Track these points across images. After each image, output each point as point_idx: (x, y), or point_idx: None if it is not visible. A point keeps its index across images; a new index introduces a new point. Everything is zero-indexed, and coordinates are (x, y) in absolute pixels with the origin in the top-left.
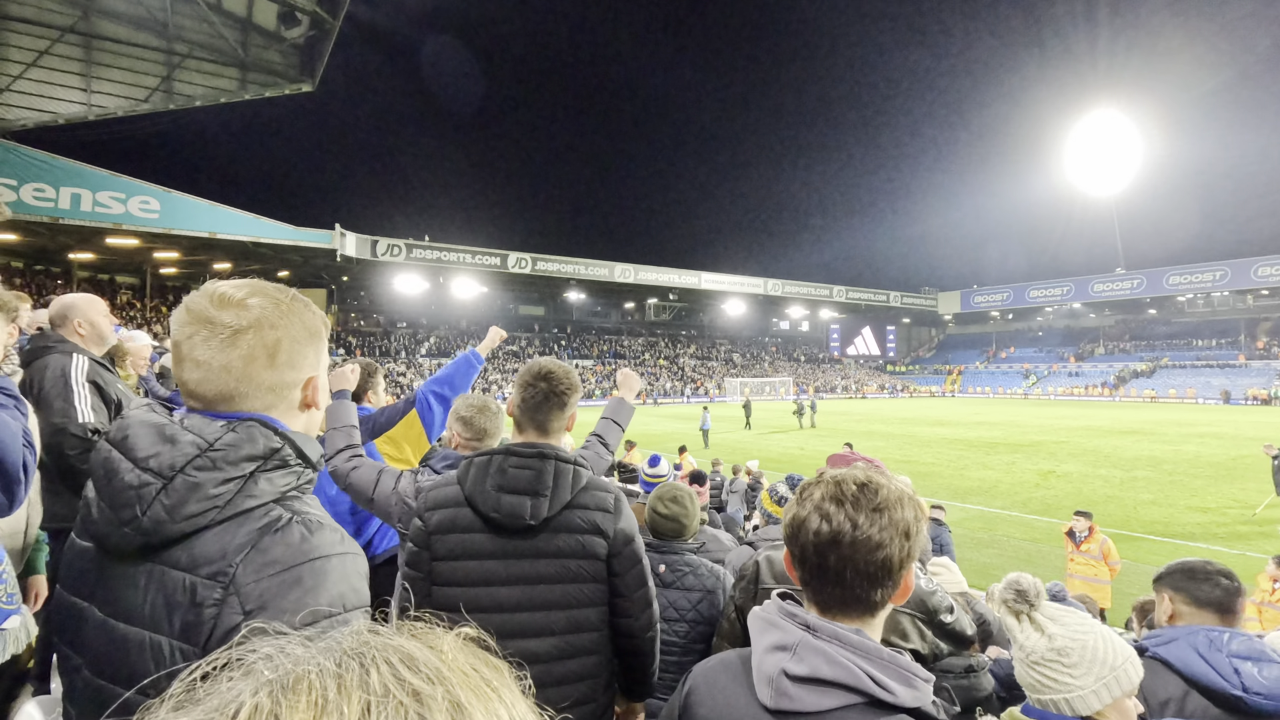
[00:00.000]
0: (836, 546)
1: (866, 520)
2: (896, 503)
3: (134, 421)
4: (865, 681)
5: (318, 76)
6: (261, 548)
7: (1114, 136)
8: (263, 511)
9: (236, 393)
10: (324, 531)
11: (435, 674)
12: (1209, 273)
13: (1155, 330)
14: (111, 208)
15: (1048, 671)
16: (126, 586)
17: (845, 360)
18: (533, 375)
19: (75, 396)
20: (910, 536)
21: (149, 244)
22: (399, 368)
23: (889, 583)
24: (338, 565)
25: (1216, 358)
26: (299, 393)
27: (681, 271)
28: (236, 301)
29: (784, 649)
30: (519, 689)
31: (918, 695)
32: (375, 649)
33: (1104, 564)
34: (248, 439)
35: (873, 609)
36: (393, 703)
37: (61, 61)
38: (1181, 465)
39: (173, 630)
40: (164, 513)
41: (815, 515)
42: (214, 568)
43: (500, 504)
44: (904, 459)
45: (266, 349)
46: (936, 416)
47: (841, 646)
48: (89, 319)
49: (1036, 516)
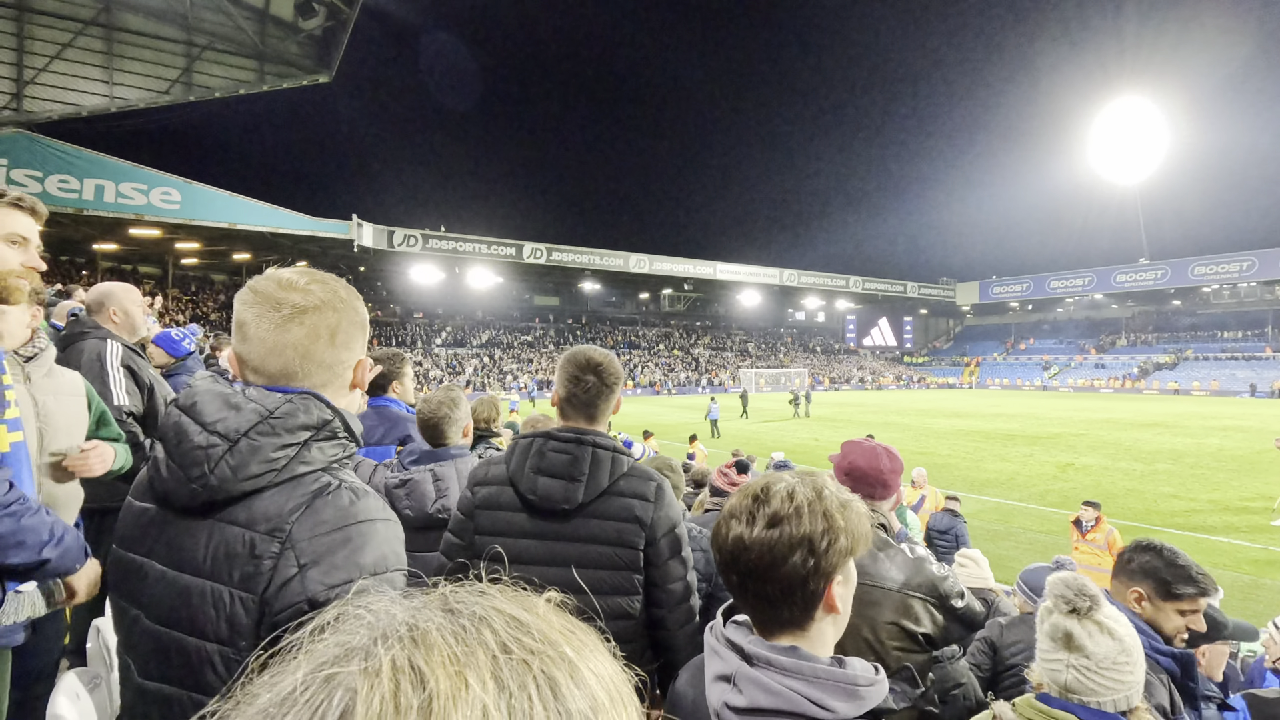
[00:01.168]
0: (736, 564)
1: (760, 534)
2: (794, 515)
3: (201, 390)
4: (805, 705)
5: (334, 67)
6: (314, 508)
7: (1139, 124)
8: (314, 477)
9: (297, 369)
10: (369, 498)
11: (542, 635)
12: (1236, 263)
13: (1179, 322)
14: (134, 199)
15: (1116, 675)
16: (188, 541)
17: (861, 351)
18: (579, 368)
19: (111, 380)
20: (815, 550)
21: (170, 234)
22: (415, 357)
23: (794, 599)
24: (382, 529)
25: (1242, 350)
26: (350, 372)
27: (697, 262)
28: (301, 286)
29: (726, 679)
30: (606, 648)
31: (861, 704)
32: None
33: (1108, 554)
34: (303, 409)
35: (795, 624)
36: (516, 660)
37: (84, 54)
38: (1204, 459)
39: (232, 580)
40: (229, 471)
41: (721, 529)
42: (271, 525)
43: (537, 486)
44: (920, 450)
45: (329, 329)
46: (953, 408)
47: (776, 673)
48: (124, 308)
49: (1054, 509)
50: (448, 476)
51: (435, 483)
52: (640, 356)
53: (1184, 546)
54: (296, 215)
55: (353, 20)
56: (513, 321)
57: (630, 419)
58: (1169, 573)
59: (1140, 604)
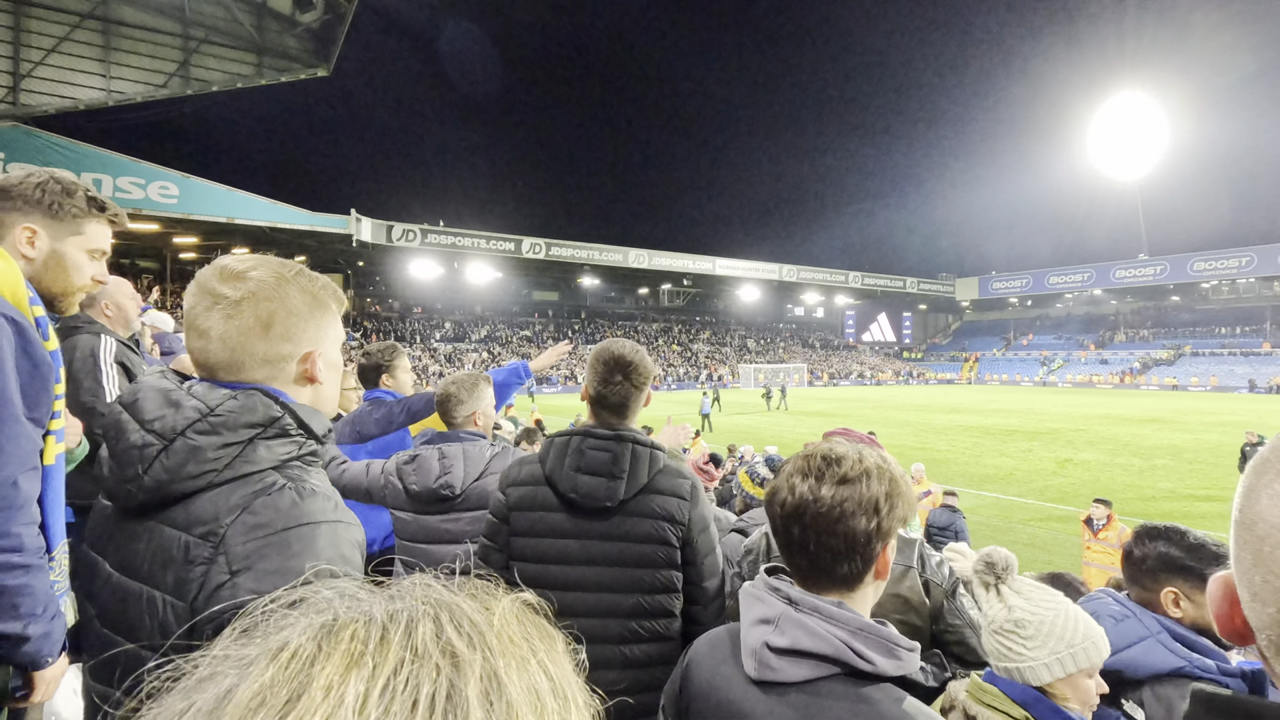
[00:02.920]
0: (800, 518)
1: (829, 492)
2: (862, 476)
3: (145, 386)
4: (845, 652)
5: (333, 61)
6: (252, 510)
7: (1139, 120)
8: (259, 477)
9: (235, 363)
10: (316, 499)
11: (479, 639)
12: (1235, 259)
13: (1178, 317)
14: (132, 193)
15: (1005, 641)
16: (131, 542)
17: (860, 347)
18: (609, 368)
19: (104, 377)
20: (879, 511)
21: (169, 229)
22: (415, 352)
23: (855, 556)
24: (327, 532)
25: (1241, 346)
26: (295, 366)
27: (696, 257)
28: (238, 274)
29: (767, 622)
30: (571, 664)
31: (900, 665)
32: (429, 603)
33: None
34: (248, 407)
35: (847, 582)
36: (428, 664)
37: (81, 48)
38: (1203, 454)
39: (166, 585)
40: (164, 473)
41: (784, 487)
42: (206, 528)
43: (578, 485)
44: (920, 446)
45: (260, 320)
46: (953, 404)
47: (821, 619)
48: (116, 301)
49: (1053, 504)
50: (453, 455)
51: (441, 460)
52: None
53: None
54: (295, 210)
55: (351, 13)
56: (512, 316)
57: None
58: (1191, 557)
59: (1179, 605)
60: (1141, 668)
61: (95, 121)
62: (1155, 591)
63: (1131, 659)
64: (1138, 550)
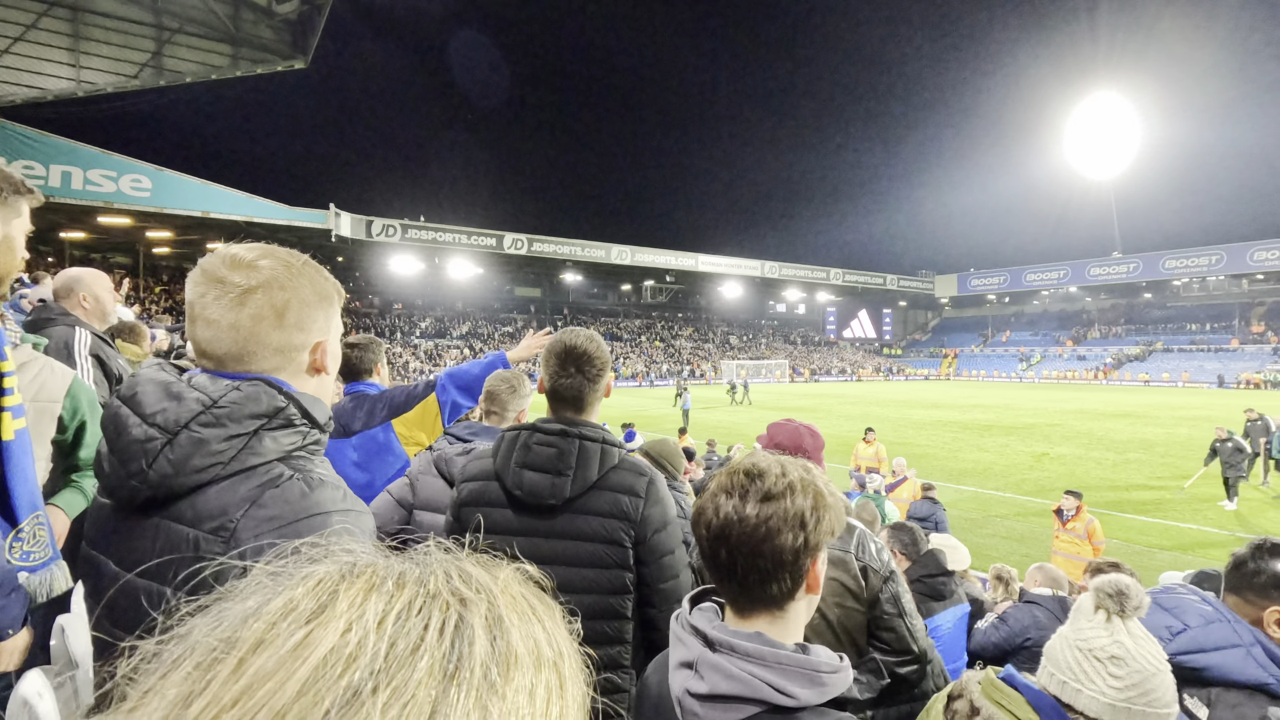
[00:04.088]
0: (726, 539)
1: (754, 510)
2: (786, 491)
3: (143, 379)
4: (765, 690)
5: (310, 53)
6: (261, 503)
7: (1113, 120)
8: (265, 469)
9: (245, 352)
10: (325, 489)
11: (485, 589)
12: (1205, 257)
13: (1150, 314)
14: (103, 186)
15: (1086, 664)
16: (136, 539)
17: (841, 343)
18: (562, 361)
19: (78, 369)
20: (806, 526)
21: (141, 223)
22: (395, 348)
23: (784, 575)
24: (338, 522)
25: (1210, 342)
26: (307, 355)
27: (679, 253)
28: (247, 263)
29: (688, 666)
30: (566, 627)
31: (824, 690)
32: (440, 561)
33: (1088, 543)
34: (252, 397)
35: (777, 602)
36: (440, 600)
37: (49, 36)
38: (1174, 448)
39: (179, 583)
40: (169, 467)
41: (709, 507)
42: (216, 522)
43: (523, 481)
44: (899, 441)
45: (275, 309)
46: (932, 399)
47: (739, 659)
48: (94, 294)
49: (1030, 498)
50: None
51: None
52: (622, 348)
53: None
54: (272, 204)
55: (329, 5)
56: (493, 313)
57: (614, 410)
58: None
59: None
60: (1226, 673)
61: (65, 112)
62: (1260, 607)
63: (1219, 663)
64: (1253, 563)
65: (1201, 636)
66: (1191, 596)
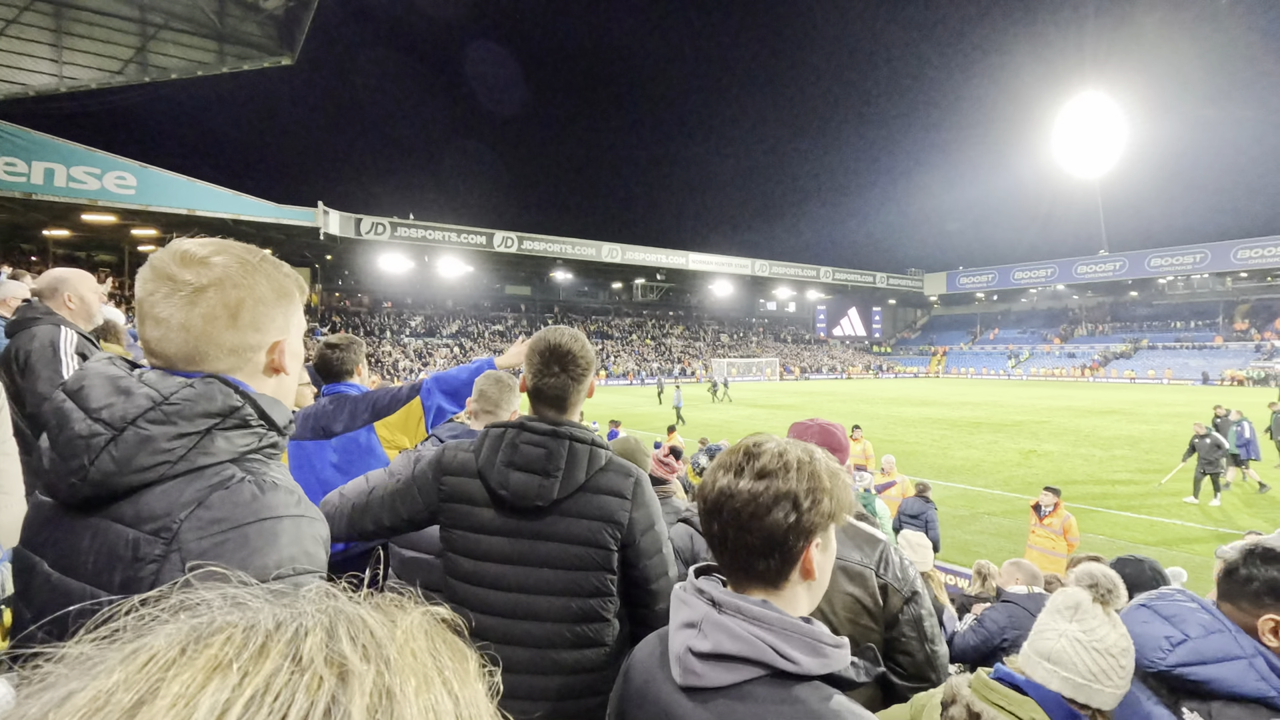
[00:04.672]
0: (719, 512)
1: (747, 485)
2: (781, 470)
3: (91, 372)
4: (768, 653)
5: (297, 49)
6: (208, 504)
7: (1099, 119)
8: (216, 469)
9: (196, 353)
10: (278, 492)
11: (376, 652)
12: (1189, 255)
13: (1136, 312)
14: (86, 183)
15: (1104, 663)
16: (73, 539)
17: (831, 341)
18: (545, 359)
19: (64, 367)
20: (799, 506)
21: (126, 221)
22: (385, 347)
23: (774, 553)
24: (290, 527)
25: (1195, 339)
26: (264, 356)
27: (669, 251)
28: (199, 259)
29: (692, 625)
30: (483, 686)
31: (826, 662)
32: (326, 612)
33: (1063, 539)
34: (206, 395)
35: (769, 580)
36: (309, 675)
37: (31, 31)
38: (1159, 444)
39: (113, 585)
40: (112, 464)
41: (709, 482)
42: (158, 524)
43: (509, 481)
44: (889, 438)
45: (228, 308)
46: (921, 397)
47: (744, 620)
48: (79, 294)
49: (1018, 494)
50: None
51: None
52: (613, 346)
53: (1141, 530)
54: (260, 202)
55: (316, 1)
56: (484, 311)
57: (603, 408)
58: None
59: (1278, 635)
60: (1228, 686)
61: (48, 108)
62: (1253, 615)
63: (1220, 675)
64: (1245, 569)
65: (1203, 647)
66: (1190, 604)
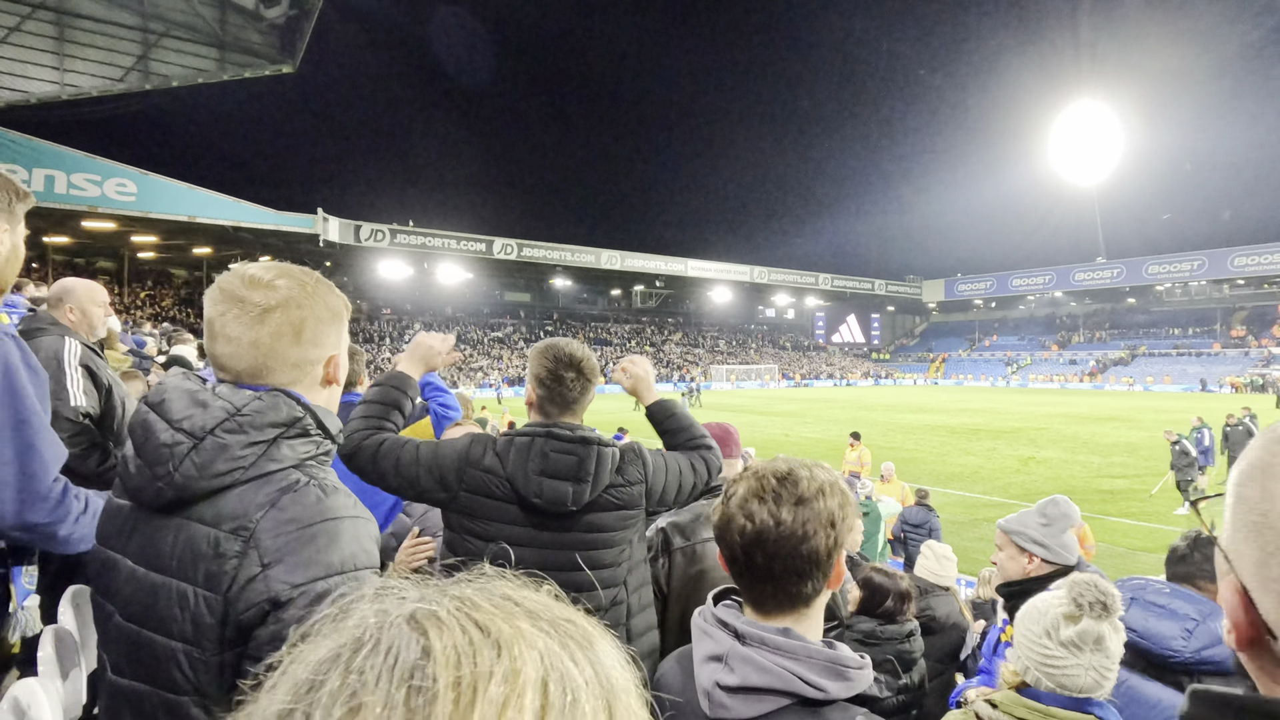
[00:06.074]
0: (762, 544)
1: (789, 514)
2: (818, 494)
3: (170, 387)
4: (795, 683)
5: (298, 57)
6: (280, 506)
7: (1096, 126)
8: (282, 475)
9: (264, 367)
10: (338, 495)
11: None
12: (1187, 262)
13: (1133, 319)
14: (87, 190)
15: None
16: (157, 538)
17: (830, 348)
18: (559, 364)
19: (68, 380)
20: (835, 525)
21: (126, 228)
22: (384, 354)
23: (818, 574)
24: (350, 527)
25: (1193, 346)
26: (321, 369)
27: (668, 258)
28: (265, 282)
29: (717, 659)
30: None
31: (851, 685)
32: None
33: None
34: (272, 407)
35: (805, 601)
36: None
37: (33, 39)
38: (1157, 451)
39: (197, 579)
40: (194, 469)
41: (740, 514)
42: (236, 523)
43: (543, 489)
44: (888, 445)
45: (293, 327)
46: (920, 403)
47: (770, 651)
48: (82, 307)
49: (1017, 501)
50: None
51: None
52: (612, 353)
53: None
54: (259, 209)
55: (317, 8)
56: (483, 318)
57: (603, 416)
58: None
59: None
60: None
61: (48, 116)
62: (1213, 592)
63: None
64: (1198, 553)
65: (1214, 628)
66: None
